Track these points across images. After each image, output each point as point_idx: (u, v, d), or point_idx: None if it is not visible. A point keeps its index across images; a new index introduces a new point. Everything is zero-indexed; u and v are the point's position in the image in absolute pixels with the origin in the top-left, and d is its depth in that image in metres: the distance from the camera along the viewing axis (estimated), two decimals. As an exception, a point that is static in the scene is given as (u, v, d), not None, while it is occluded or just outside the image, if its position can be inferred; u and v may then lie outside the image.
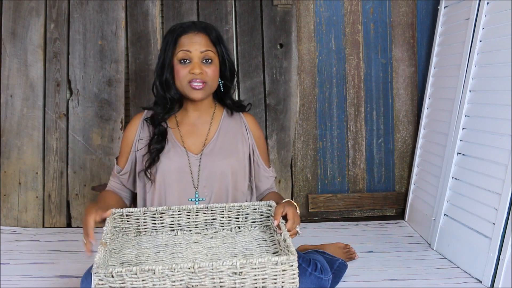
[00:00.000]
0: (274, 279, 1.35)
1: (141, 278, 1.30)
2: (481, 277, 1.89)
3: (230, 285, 1.34)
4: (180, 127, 1.80)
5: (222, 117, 1.83)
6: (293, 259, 1.34)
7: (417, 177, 2.73)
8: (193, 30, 1.72)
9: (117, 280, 1.29)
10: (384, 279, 1.96)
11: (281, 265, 1.34)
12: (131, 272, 1.29)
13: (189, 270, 1.31)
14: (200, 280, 1.32)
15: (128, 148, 1.80)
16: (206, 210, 1.66)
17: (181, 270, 1.31)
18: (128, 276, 1.30)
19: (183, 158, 1.74)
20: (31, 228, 2.68)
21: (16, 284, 1.93)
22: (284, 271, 1.34)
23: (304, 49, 2.84)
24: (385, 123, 2.91)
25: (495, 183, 1.90)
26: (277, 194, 1.86)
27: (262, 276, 1.34)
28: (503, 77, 1.96)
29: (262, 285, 1.35)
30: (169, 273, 1.31)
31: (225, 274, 1.33)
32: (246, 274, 1.34)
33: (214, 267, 1.32)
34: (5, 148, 2.68)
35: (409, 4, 2.88)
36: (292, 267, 1.35)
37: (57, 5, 2.68)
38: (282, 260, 1.33)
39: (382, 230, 2.63)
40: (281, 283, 1.35)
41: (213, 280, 1.33)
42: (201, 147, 1.77)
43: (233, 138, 1.80)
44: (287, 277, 1.35)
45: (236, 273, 1.33)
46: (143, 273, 1.30)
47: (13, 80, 2.68)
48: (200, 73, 1.69)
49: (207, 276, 1.32)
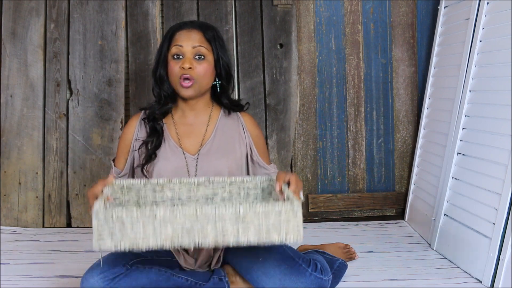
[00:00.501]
0: (278, 228, 1.32)
1: (141, 221, 1.26)
2: (481, 277, 1.89)
3: (233, 232, 1.30)
4: (177, 127, 1.80)
5: (219, 117, 1.83)
6: (297, 208, 1.32)
7: (417, 177, 2.73)
8: (188, 27, 1.74)
9: (117, 223, 1.26)
10: (384, 279, 1.96)
11: (285, 213, 1.31)
12: (132, 214, 1.26)
13: (192, 214, 1.28)
14: (202, 227, 1.29)
15: (126, 149, 1.80)
16: (207, 183, 1.63)
17: (183, 215, 1.27)
18: (129, 219, 1.26)
19: (180, 158, 1.74)
20: (31, 228, 2.68)
21: (16, 284, 1.93)
22: (288, 221, 1.32)
23: (304, 49, 2.84)
24: (385, 123, 2.91)
25: (495, 183, 1.90)
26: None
27: (266, 225, 1.31)
28: (503, 77, 1.96)
29: (265, 235, 1.32)
30: (171, 217, 1.27)
31: (228, 221, 1.29)
32: (249, 222, 1.30)
33: (217, 213, 1.28)
34: (5, 148, 2.68)
35: (409, 4, 2.88)
36: (297, 217, 1.32)
37: (57, 5, 2.68)
38: (287, 208, 1.31)
39: (382, 230, 2.63)
40: (285, 234, 1.32)
41: (216, 227, 1.29)
42: (198, 147, 1.77)
43: (230, 138, 1.80)
44: (291, 228, 1.32)
45: (239, 220, 1.30)
46: (144, 216, 1.26)
47: (13, 80, 2.68)
48: (189, 68, 1.69)
49: (209, 222, 1.28)
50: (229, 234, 1.31)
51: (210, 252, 1.76)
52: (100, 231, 1.27)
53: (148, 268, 1.63)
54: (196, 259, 1.75)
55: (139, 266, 1.62)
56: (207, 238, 1.30)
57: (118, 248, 1.29)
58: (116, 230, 1.27)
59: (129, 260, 1.62)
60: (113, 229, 1.27)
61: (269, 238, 1.34)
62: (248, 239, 1.32)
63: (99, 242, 1.29)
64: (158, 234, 1.28)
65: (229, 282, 1.70)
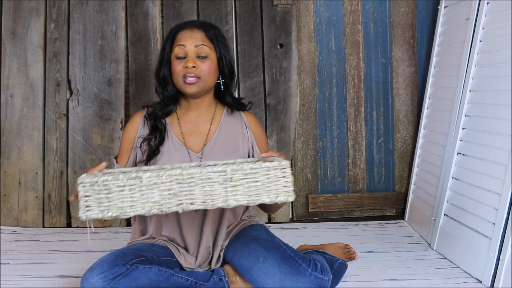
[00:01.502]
0: (268, 188, 1.29)
1: (128, 187, 1.24)
2: (481, 277, 1.89)
3: (222, 194, 1.27)
4: (181, 125, 1.81)
5: (223, 116, 1.84)
6: (285, 164, 1.29)
7: (417, 177, 2.73)
8: (190, 27, 1.76)
9: (103, 190, 1.23)
10: (384, 279, 1.96)
11: (273, 170, 1.29)
12: (118, 180, 1.24)
13: (178, 175, 1.25)
14: (190, 189, 1.26)
15: (129, 146, 1.80)
16: (199, 167, 1.60)
17: (169, 177, 1.25)
18: (115, 185, 1.23)
19: (184, 156, 1.75)
20: (31, 228, 2.68)
21: (16, 284, 1.93)
22: (277, 179, 1.29)
23: (304, 49, 2.84)
24: (385, 123, 2.91)
25: (495, 183, 1.90)
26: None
27: (255, 184, 1.28)
28: (503, 77, 1.96)
29: (255, 196, 1.29)
30: (157, 180, 1.25)
31: (216, 181, 1.26)
32: (238, 182, 1.28)
33: (204, 173, 1.25)
34: (5, 148, 2.68)
35: (409, 4, 2.88)
36: (285, 174, 1.29)
37: (57, 5, 2.68)
38: (274, 165, 1.29)
39: (382, 230, 2.63)
40: (275, 192, 1.30)
41: (204, 189, 1.27)
42: (202, 145, 1.79)
43: (233, 137, 1.82)
44: (281, 187, 1.29)
45: (227, 180, 1.27)
46: (131, 181, 1.24)
47: (13, 80, 2.68)
48: (193, 67, 1.71)
49: (197, 183, 1.26)
50: (218, 196, 1.28)
51: (209, 249, 1.76)
52: (86, 200, 1.24)
53: (148, 267, 1.63)
54: (196, 257, 1.75)
55: (139, 265, 1.62)
56: (195, 201, 1.27)
57: (105, 216, 1.26)
58: (103, 198, 1.24)
59: (129, 260, 1.61)
60: (100, 197, 1.24)
61: (259, 198, 1.31)
62: (237, 200, 1.29)
63: (86, 211, 1.25)
64: (145, 200, 1.26)
65: (229, 282, 1.70)
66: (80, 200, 1.25)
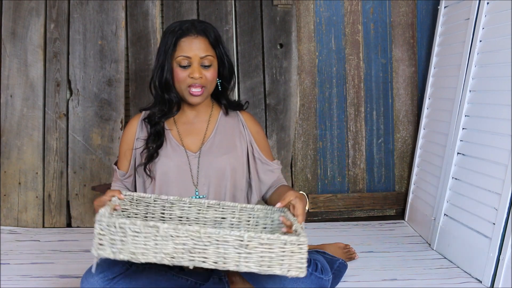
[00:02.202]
0: (281, 261, 1.28)
1: (144, 234, 1.24)
2: (481, 277, 1.89)
3: (234, 258, 1.26)
4: (178, 126, 1.81)
5: (219, 115, 1.85)
6: (303, 241, 1.28)
7: (417, 177, 2.73)
8: (193, 33, 1.72)
9: (119, 232, 1.23)
10: (384, 279, 1.96)
11: (290, 245, 1.27)
12: (135, 226, 1.23)
13: (195, 233, 1.24)
14: (204, 247, 1.25)
15: (129, 151, 1.79)
16: (217, 207, 1.63)
17: (186, 232, 1.24)
18: (131, 230, 1.23)
19: (182, 156, 1.75)
20: (31, 228, 2.68)
21: (16, 284, 1.93)
22: (292, 254, 1.28)
23: (304, 49, 2.84)
24: (385, 123, 2.91)
25: (495, 183, 1.90)
26: (287, 187, 1.84)
27: (269, 255, 1.27)
28: (503, 77, 1.96)
29: (268, 265, 1.28)
30: (174, 233, 1.24)
31: (231, 245, 1.26)
32: (252, 249, 1.26)
33: (221, 235, 1.25)
34: (5, 148, 2.68)
35: (409, 4, 2.88)
36: (301, 250, 1.28)
37: (57, 5, 2.68)
38: (292, 240, 1.27)
39: (382, 230, 2.62)
40: (288, 266, 1.28)
41: (218, 250, 1.26)
42: (199, 145, 1.79)
43: (231, 136, 1.82)
44: (294, 262, 1.28)
45: (243, 246, 1.26)
46: (147, 229, 1.23)
47: (13, 80, 2.68)
48: (200, 77, 1.70)
49: (212, 243, 1.25)
50: (230, 259, 1.27)
51: None
52: (101, 238, 1.25)
53: (148, 268, 1.63)
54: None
55: (139, 266, 1.62)
56: (207, 260, 1.27)
57: (116, 257, 1.26)
58: (117, 240, 1.25)
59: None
60: (114, 238, 1.25)
61: (270, 269, 1.30)
62: (249, 267, 1.28)
63: (98, 249, 1.26)
64: (158, 250, 1.26)
65: (229, 282, 1.70)
66: (95, 237, 1.25)
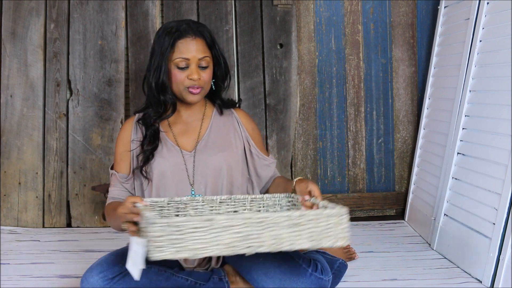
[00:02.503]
0: (328, 233, 1.37)
1: (201, 229, 1.24)
2: (481, 277, 1.89)
3: (288, 238, 1.33)
4: (172, 126, 1.81)
5: (213, 113, 1.86)
6: (343, 211, 1.39)
7: (417, 177, 2.73)
8: (191, 35, 1.72)
9: (176, 231, 1.22)
10: (384, 279, 1.96)
11: (334, 217, 1.37)
12: (193, 222, 1.23)
13: (248, 219, 1.29)
14: (259, 232, 1.30)
15: (128, 153, 1.79)
16: (229, 201, 1.66)
17: (240, 220, 1.28)
18: (188, 227, 1.23)
19: (177, 156, 1.75)
20: (31, 228, 2.68)
21: (16, 284, 1.93)
22: (336, 225, 1.38)
23: (304, 49, 2.84)
24: (385, 123, 2.91)
25: (495, 183, 1.90)
26: (284, 178, 1.89)
27: (317, 229, 1.36)
28: (503, 77, 1.96)
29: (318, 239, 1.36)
30: (228, 223, 1.27)
31: (283, 225, 1.32)
32: (302, 226, 1.34)
33: (272, 217, 1.30)
34: (5, 148, 2.68)
35: (409, 4, 2.88)
36: (343, 220, 1.39)
37: (57, 5, 2.68)
38: (334, 213, 1.37)
39: (382, 230, 2.62)
40: (334, 237, 1.38)
41: (271, 232, 1.31)
42: (194, 144, 1.79)
43: (226, 133, 1.83)
44: (339, 232, 1.38)
45: (294, 225, 1.33)
46: (204, 223, 1.24)
47: (13, 80, 2.68)
48: (198, 78, 1.71)
49: (265, 227, 1.30)
50: (284, 239, 1.33)
51: None
52: (158, 241, 1.22)
53: (148, 267, 1.62)
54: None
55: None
56: (264, 243, 1.32)
57: (176, 257, 1.26)
58: (175, 239, 1.23)
59: (129, 260, 1.61)
60: (172, 238, 1.23)
61: (320, 243, 1.38)
62: (301, 244, 1.36)
63: (158, 252, 1.23)
64: (217, 242, 1.27)
65: (229, 282, 1.70)
66: (151, 240, 1.23)
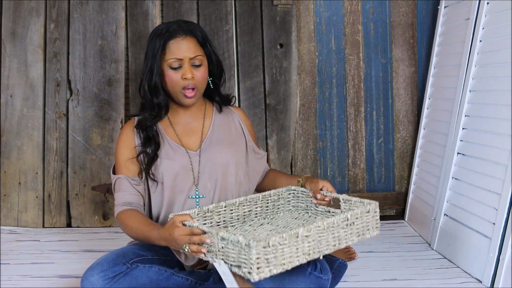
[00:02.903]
0: (368, 226, 1.58)
1: (288, 243, 1.35)
2: (481, 277, 1.89)
3: (344, 237, 1.51)
4: (175, 127, 1.82)
5: (213, 112, 1.88)
6: (376, 205, 1.61)
7: (417, 177, 2.73)
8: (181, 34, 1.72)
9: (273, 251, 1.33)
10: (384, 279, 1.96)
11: (371, 212, 1.59)
12: (283, 239, 1.34)
13: (320, 228, 1.43)
14: (326, 237, 1.46)
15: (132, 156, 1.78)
16: (245, 202, 1.76)
17: (314, 229, 1.42)
18: (280, 244, 1.34)
19: (183, 156, 1.76)
20: (31, 228, 2.68)
21: (16, 284, 1.93)
22: (372, 218, 1.59)
23: (304, 49, 2.84)
24: (385, 123, 2.91)
25: (495, 183, 1.90)
26: (276, 171, 1.99)
27: (362, 225, 1.56)
28: (503, 77, 1.96)
29: (363, 233, 1.57)
30: (307, 233, 1.39)
31: (341, 227, 1.50)
32: (354, 225, 1.53)
33: (336, 221, 1.48)
34: (5, 148, 2.68)
35: (409, 4, 2.88)
36: (376, 212, 1.61)
37: (57, 5, 2.69)
38: (370, 208, 1.59)
39: (382, 230, 2.61)
40: (372, 229, 1.59)
41: (333, 234, 1.48)
42: (199, 143, 1.80)
43: (228, 131, 1.85)
44: (374, 223, 1.60)
45: (349, 224, 1.52)
46: (291, 238, 1.36)
47: (13, 80, 2.68)
48: (192, 77, 1.71)
49: (330, 231, 1.47)
50: (342, 239, 1.51)
51: None
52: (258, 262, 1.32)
53: (149, 267, 1.63)
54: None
55: (139, 265, 1.62)
56: (329, 247, 1.48)
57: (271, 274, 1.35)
58: (271, 257, 1.34)
59: (129, 259, 1.62)
60: (268, 257, 1.33)
61: (364, 236, 1.59)
62: (353, 240, 1.55)
63: (258, 273, 1.33)
64: (299, 252, 1.39)
65: (229, 282, 1.70)
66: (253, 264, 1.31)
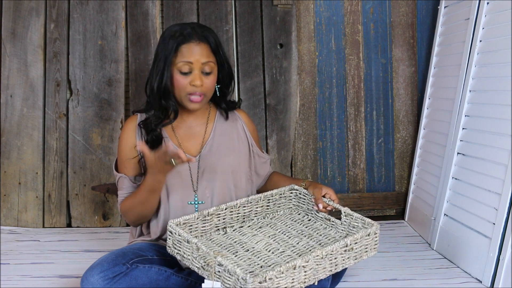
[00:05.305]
0: (367, 248, 1.61)
1: (285, 276, 1.39)
2: (481, 277, 1.89)
3: (341, 262, 1.54)
4: (176, 131, 1.81)
5: (216, 117, 1.86)
6: (377, 227, 1.64)
7: (417, 177, 2.73)
8: (195, 39, 1.70)
9: (268, 284, 1.36)
10: (384, 279, 1.96)
11: (371, 234, 1.62)
12: (280, 272, 1.38)
13: (318, 257, 1.47)
14: (324, 264, 1.49)
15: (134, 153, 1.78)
16: (246, 203, 1.77)
17: (312, 259, 1.45)
18: (277, 277, 1.38)
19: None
20: (31, 228, 2.68)
21: (16, 284, 1.93)
22: (372, 240, 1.62)
23: (304, 49, 2.84)
24: (385, 123, 2.91)
25: (495, 183, 1.90)
26: (279, 174, 1.99)
27: (360, 248, 1.58)
28: (503, 77, 1.96)
29: (360, 255, 1.59)
30: (304, 264, 1.43)
31: (339, 252, 1.53)
32: (352, 249, 1.56)
33: (335, 248, 1.51)
34: (5, 148, 2.68)
35: (409, 4, 2.88)
36: (376, 234, 1.64)
37: (57, 5, 2.68)
38: (371, 231, 1.61)
39: (382, 230, 2.62)
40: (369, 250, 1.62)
41: (331, 260, 1.51)
42: (199, 149, 1.79)
43: (229, 137, 1.83)
44: (373, 244, 1.64)
45: (348, 249, 1.54)
46: (288, 270, 1.39)
47: (13, 80, 2.68)
48: (201, 85, 1.69)
49: (328, 258, 1.50)
50: (339, 263, 1.54)
51: None
52: None
53: (148, 267, 1.63)
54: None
55: (139, 265, 1.62)
56: (325, 272, 1.51)
57: None
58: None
59: (129, 259, 1.62)
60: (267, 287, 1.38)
61: (361, 258, 1.62)
62: (350, 263, 1.58)
63: None
64: (297, 281, 1.43)
65: (229, 282, 1.70)
66: None
